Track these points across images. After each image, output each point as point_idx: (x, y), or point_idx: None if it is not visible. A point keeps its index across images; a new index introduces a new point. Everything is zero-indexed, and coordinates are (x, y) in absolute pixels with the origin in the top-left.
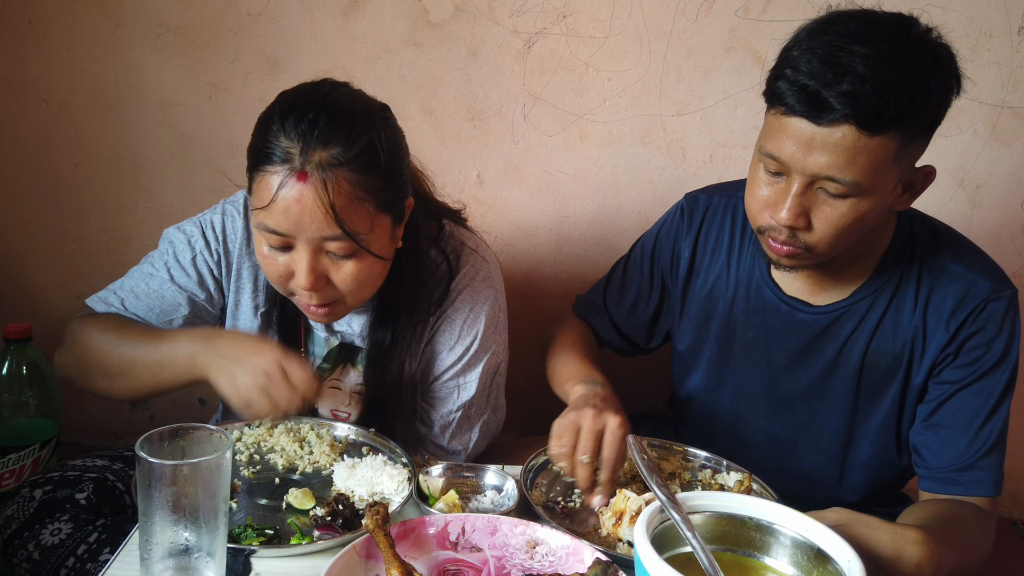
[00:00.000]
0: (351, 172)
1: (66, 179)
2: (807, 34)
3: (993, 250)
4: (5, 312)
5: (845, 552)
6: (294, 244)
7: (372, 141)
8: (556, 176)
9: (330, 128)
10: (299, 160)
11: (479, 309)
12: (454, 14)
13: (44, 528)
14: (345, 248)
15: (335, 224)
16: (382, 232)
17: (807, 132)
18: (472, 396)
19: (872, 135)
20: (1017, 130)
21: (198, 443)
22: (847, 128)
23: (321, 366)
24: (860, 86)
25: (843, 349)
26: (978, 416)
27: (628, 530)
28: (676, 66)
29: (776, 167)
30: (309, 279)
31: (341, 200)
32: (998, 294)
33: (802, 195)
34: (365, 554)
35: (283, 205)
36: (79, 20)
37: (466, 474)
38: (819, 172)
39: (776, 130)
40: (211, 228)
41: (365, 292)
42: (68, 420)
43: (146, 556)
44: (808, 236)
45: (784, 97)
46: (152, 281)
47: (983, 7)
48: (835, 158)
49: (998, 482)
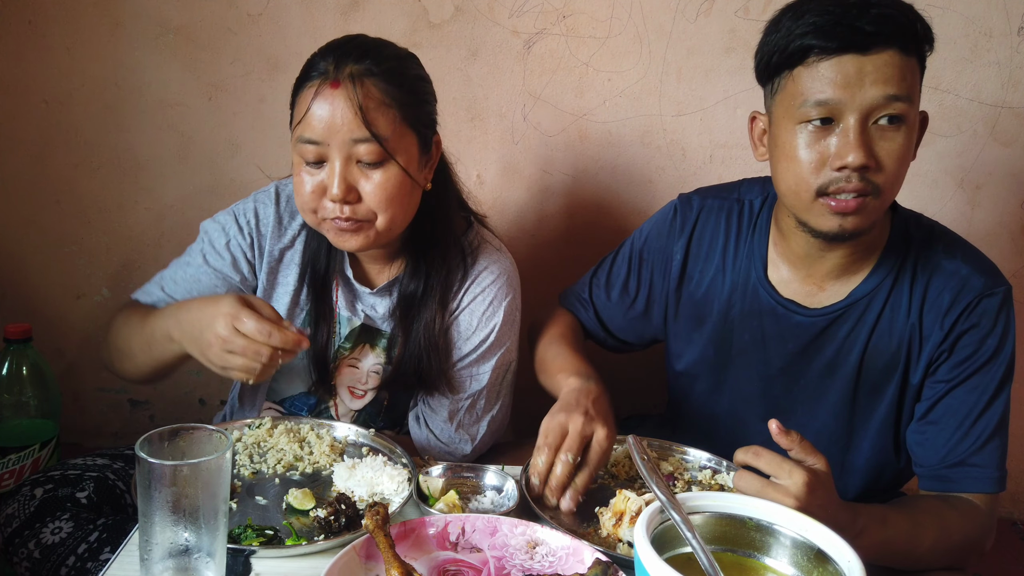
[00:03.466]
0: (379, 80)
1: (66, 179)
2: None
3: (993, 250)
4: (5, 312)
5: (845, 552)
6: (327, 157)
7: (400, 62)
8: (556, 176)
9: (364, 50)
10: (333, 73)
11: (498, 303)
12: (454, 14)
13: (45, 527)
14: (374, 153)
15: (364, 126)
16: (408, 146)
17: (854, 64)
18: (483, 387)
19: (907, 55)
20: (1017, 130)
21: (198, 443)
22: (891, 51)
23: (342, 345)
24: (888, 9)
25: (840, 351)
26: (971, 413)
27: (628, 530)
28: (676, 66)
29: (827, 112)
30: (341, 187)
31: (370, 103)
32: (992, 290)
33: (864, 132)
34: (365, 554)
35: (318, 113)
36: (79, 20)
37: (466, 474)
38: (877, 98)
39: (813, 79)
40: (243, 215)
41: (394, 212)
42: (68, 420)
43: (146, 556)
44: (878, 176)
45: (813, 41)
46: (189, 268)
47: (983, 7)
48: (889, 76)
49: (996, 479)
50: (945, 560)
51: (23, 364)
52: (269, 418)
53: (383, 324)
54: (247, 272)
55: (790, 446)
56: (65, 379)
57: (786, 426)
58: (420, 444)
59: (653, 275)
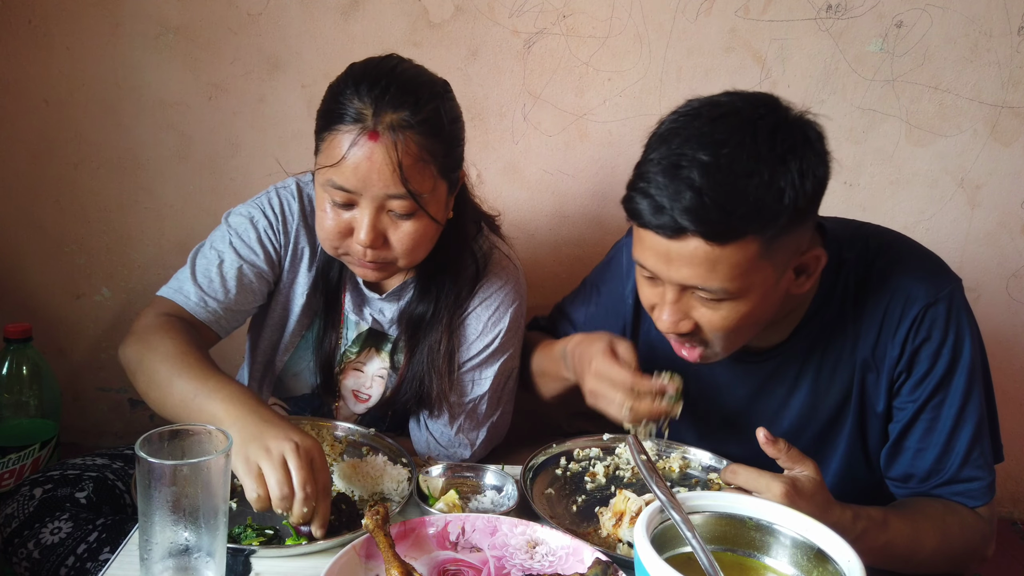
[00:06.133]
0: (418, 135)
1: (66, 179)
2: (658, 139)
3: (993, 250)
4: (5, 312)
5: (845, 552)
6: (358, 202)
7: (437, 108)
8: (556, 176)
9: (400, 94)
10: (371, 121)
11: (504, 309)
12: (454, 14)
13: (44, 527)
14: (407, 207)
15: (400, 183)
16: (440, 196)
17: (663, 245)
18: (485, 392)
19: (724, 245)
20: (1017, 130)
21: (198, 443)
22: (697, 242)
23: (348, 349)
24: (699, 200)
25: (792, 391)
26: (945, 428)
27: (628, 530)
28: (676, 66)
29: (648, 274)
30: (369, 236)
31: (408, 160)
32: (935, 297)
33: (678, 301)
34: (365, 554)
35: (353, 162)
36: (79, 20)
37: (466, 474)
38: (685, 282)
39: (639, 240)
40: (270, 208)
41: (418, 254)
42: (68, 420)
43: (146, 556)
44: (702, 335)
45: (637, 208)
46: (223, 266)
47: (983, 7)
48: (694, 270)
49: (987, 487)
50: (946, 567)
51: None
52: None
53: (390, 328)
54: (277, 262)
55: (777, 455)
56: (65, 379)
57: (751, 461)
58: (419, 447)
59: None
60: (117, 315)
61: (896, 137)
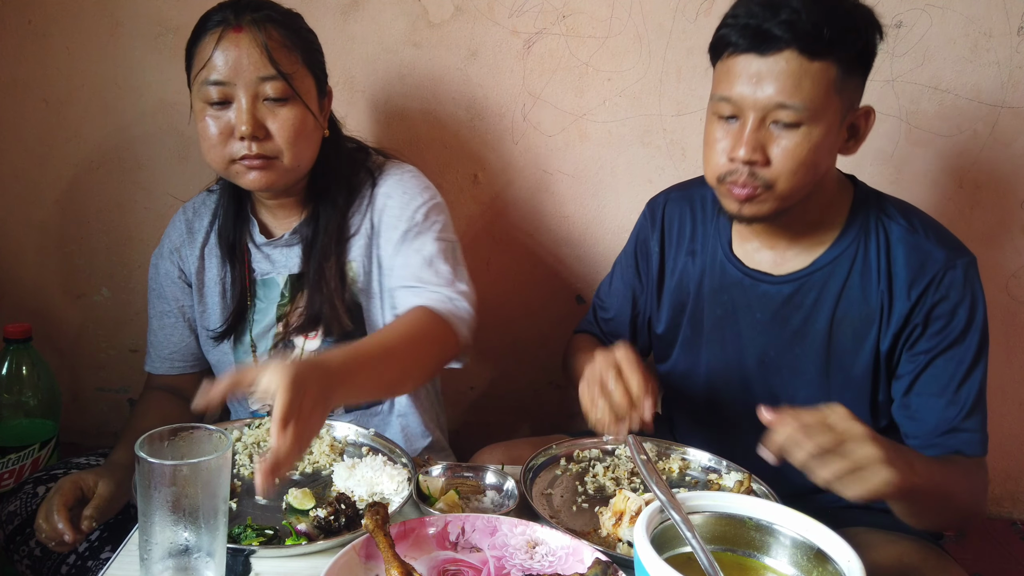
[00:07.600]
0: (280, 27)
1: (66, 179)
2: None
3: (993, 250)
4: (5, 312)
5: (845, 552)
6: (233, 96)
7: (292, 14)
8: (556, 176)
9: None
10: (234, 20)
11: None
12: (454, 14)
13: None
14: (280, 89)
15: (270, 64)
16: (309, 87)
17: (754, 66)
18: (434, 253)
19: (812, 59)
20: (1017, 130)
21: (198, 443)
22: (790, 54)
23: (281, 304)
24: (797, 15)
25: (808, 319)
26: (953, 380)
27: (628, 530)
28: (676, 66)
29: (730, 110)
30: (250, 123)
31: (273, 43)
32: (954, 263)
33: (757, 131)
34: (365, 554)
35: (223, 54)
36: (79, 20)
37: (466, 474)
38: (770, 102)
39: (724, 74)
40: (160, 250)
41: (300, 148)
42: (68, 420)
43: (146, 556)
44: (767, 172)
45: (729, 37)
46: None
47: (983, 7)
48: (782, 84)
49: (983, 442)
50: (957, 519)
51: (23, 364)
52: (269, 418)
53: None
54: (187, 278)
55: None
56: (65, 379)
57: (761, 398)
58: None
59: (640, 272)
60: (117, 315)
61: (896, 137)
